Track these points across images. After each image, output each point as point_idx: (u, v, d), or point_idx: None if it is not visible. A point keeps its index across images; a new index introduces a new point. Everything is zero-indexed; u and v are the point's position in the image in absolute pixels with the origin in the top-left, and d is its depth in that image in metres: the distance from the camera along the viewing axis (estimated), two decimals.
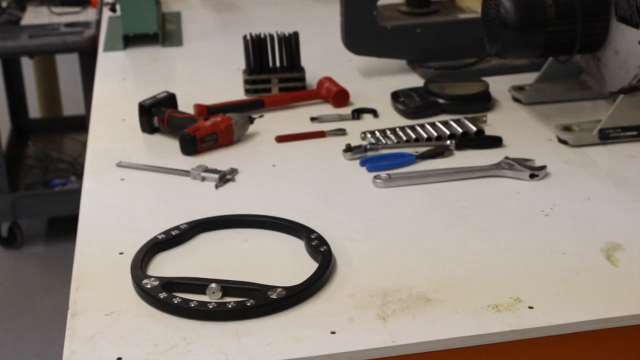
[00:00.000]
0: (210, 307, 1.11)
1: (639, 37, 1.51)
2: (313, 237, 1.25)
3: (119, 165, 1.55)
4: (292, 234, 1.30)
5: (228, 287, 1.14)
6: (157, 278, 1.17)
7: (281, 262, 1.24)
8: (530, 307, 1.10)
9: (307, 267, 1.19)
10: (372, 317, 1.09)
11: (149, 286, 1.15)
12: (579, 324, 1.08)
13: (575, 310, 1.09)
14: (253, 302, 1.11)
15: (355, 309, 1.11)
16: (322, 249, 1.22)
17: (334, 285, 1.17)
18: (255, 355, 1.03)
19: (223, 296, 1.14)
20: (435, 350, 1.05)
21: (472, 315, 1.09)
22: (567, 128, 1.59)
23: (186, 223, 1.31)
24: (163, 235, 1.28)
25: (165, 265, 1.24)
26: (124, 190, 1.48)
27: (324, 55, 2.07)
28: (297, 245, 1.27)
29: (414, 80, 1.89)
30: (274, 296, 1.12)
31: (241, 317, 1.10)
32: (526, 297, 1.12)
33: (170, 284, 1.15)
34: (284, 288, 1.13)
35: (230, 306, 1.11)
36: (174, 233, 1.29)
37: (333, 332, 1.07)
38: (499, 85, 1.81)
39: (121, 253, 1.26)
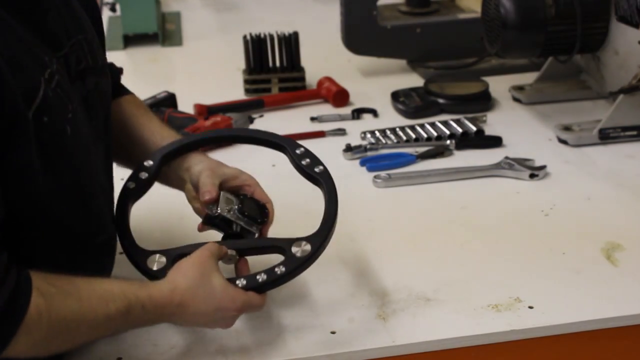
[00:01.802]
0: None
1: (638, 37, 1.51)
2: (299, 152, 1.17)
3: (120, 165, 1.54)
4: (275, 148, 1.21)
5: (244, 250, 1.06)
6: (162, 253, 1.05)
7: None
8: (530, 307, 1.10)
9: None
10: (372, 317, 1.09)
11: (155, 268, 1.03)
12: (578, 324, 1.08)
13: (575, 310, 1.09)
14: (283, 269, 1.00)
15: (355, 309, 1.11)
16: (318, 170, 1.15)
17: (334, 285, 1.17)
18: (256, 355, 1.03)
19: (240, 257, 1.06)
20: (435, 350, 1.05)
21: (472, 315, 1.09)
22: (567, 128, 1.59)
23: (150, 160, 1.17)
24: (133, 184, 1.15)
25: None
26: None
27: (324, 55, 2.07)
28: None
29: (414, 80, 1.89)
30: (299, 254, 1.02)
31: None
32: (526, 297, 1.12)
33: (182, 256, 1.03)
34: (307, 240, 1.03)
35: (260, 280, 1.00)
36: (143, 177, 1.16)
37: (333, 332, 1.07)
38: (499, 85, 1.81)
39: (121, 253, 1.26)
